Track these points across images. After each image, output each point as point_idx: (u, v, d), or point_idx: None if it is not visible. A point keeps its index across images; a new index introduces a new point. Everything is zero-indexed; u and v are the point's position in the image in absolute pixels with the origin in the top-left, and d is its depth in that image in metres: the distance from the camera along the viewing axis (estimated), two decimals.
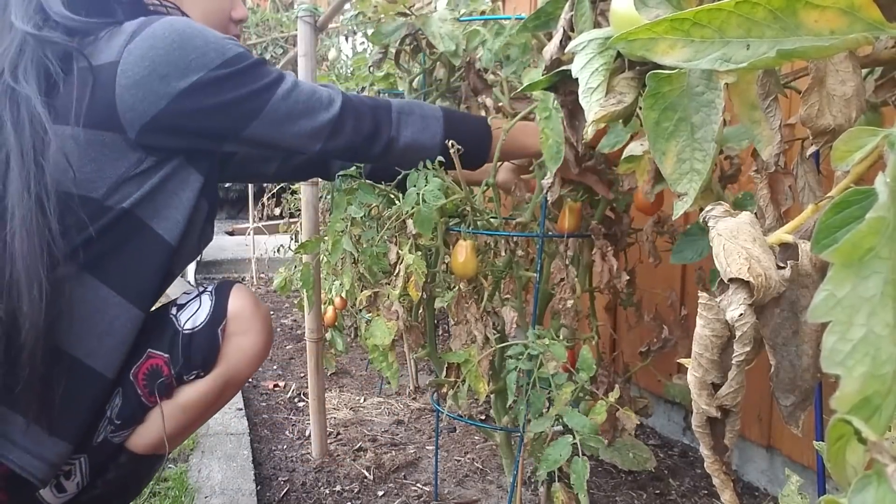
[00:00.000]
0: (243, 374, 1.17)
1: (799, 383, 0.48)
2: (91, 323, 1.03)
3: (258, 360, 1.18)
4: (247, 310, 1.15)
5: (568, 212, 1.30)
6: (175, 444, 1.22)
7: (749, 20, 0.39)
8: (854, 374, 0.31)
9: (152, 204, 1.07)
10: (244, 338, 1.15)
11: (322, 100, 1.12)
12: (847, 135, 0.39)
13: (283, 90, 1.08)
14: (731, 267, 0.45)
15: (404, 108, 1.20)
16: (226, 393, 1.18)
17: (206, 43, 1.04)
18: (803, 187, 0.78)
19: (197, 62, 1.02)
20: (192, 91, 1.02)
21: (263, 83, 1.07)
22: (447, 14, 1.28)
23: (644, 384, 2.01)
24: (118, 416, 1.10)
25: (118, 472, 1.14)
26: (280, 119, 1.09)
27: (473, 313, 1.32)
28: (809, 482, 1.47)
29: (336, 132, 1.13)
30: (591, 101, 0.58)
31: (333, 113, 1.12)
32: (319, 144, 1.13)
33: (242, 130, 1.08)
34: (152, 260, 1.08)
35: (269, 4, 4.07)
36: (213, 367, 1.13)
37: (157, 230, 1.08)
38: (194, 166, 1.10)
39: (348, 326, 2.65)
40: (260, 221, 4.12)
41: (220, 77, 1.04)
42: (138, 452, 1.13)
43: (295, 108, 1.09)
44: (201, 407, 1.15)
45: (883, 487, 0.29)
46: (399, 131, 1.18)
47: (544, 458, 1.14)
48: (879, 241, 0.31)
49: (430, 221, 1.21)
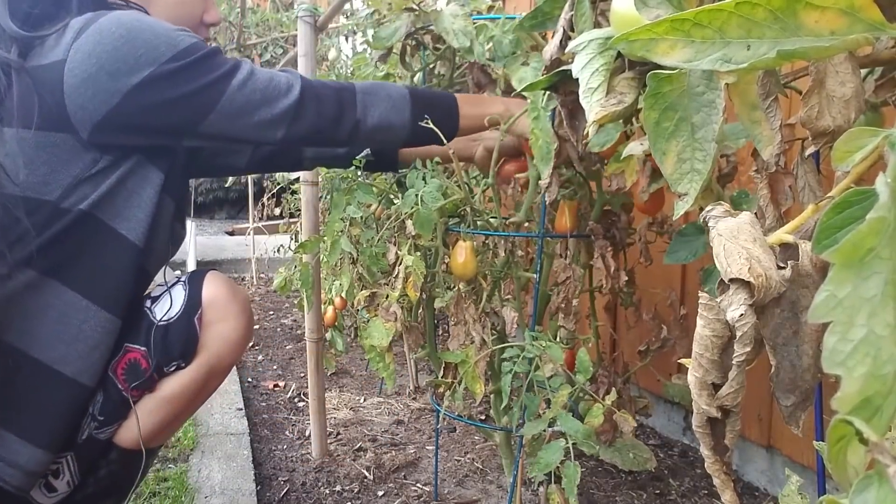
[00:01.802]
0: (226, 361, 1.16)
1: (799, 383, 0.48)
2: (58, 328, 1.02)
3: (240, 346, 1.16)
4: (222, 296, 1.14)
5: (566, 210, 1.30)
6: (166, 437, 1.21)
7: (749, 21, 0.39)
8: (855, 374, 0.31)
9: (112, 204, 1.05)
10: (223, 325, 1.13)
11: (280, 86, 1.09)
12: (847, 135, 0.39)
13: (238, 80, 1.06)
14: (731, 267, 0.45)
15: (369, 89, 1.17)
16: (211, 382, 1.16)
17: (156, 36, 1.01)
18: (803, 187, 0.78)
19: (147, 57, 0.99)
20: (143, 87, 1.00)
21: (217, 74, 1.04)
22: (458, 10, 1.27)
23: (644, 384, 2.01)
24: (101, 412, 1.09)
25: (110, 468, 1.13)
26: (237, 110, 1.06)
27: (472, 314, 1.32)
28: (809, 482, 1.47)
29: (298, 118, 1.10)
30: (592, 102, 0.58)
31: (293, 99, 1.09)
32: (281, 132, 1.09)
33: (199, 124, 1.05)
34: (118, 262, 1.06)
35: (269, 4, 4.07)
36: (193, 357, 1.12)
37: (119, 231, 1.06)
38: (153, 163, 1.08)
39: (348, 326, 2.65)
40: (260, 221, 4.12)
41: (171, 71, 1.01)
42: (128, 448, 1.12)
43: (252, 97, 1.07)
44: (186, 397, 1.14)
45: (884, 488, 0.29)
46: (366, 113, 1.15)
47: (536, 461, 1.14)
48: (880, 242, 0.31)
49: (430, 222, 1.20)
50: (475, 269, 1.29)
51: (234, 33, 3.83)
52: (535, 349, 1.19)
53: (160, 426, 1.13)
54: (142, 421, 1.11)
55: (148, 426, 1.12)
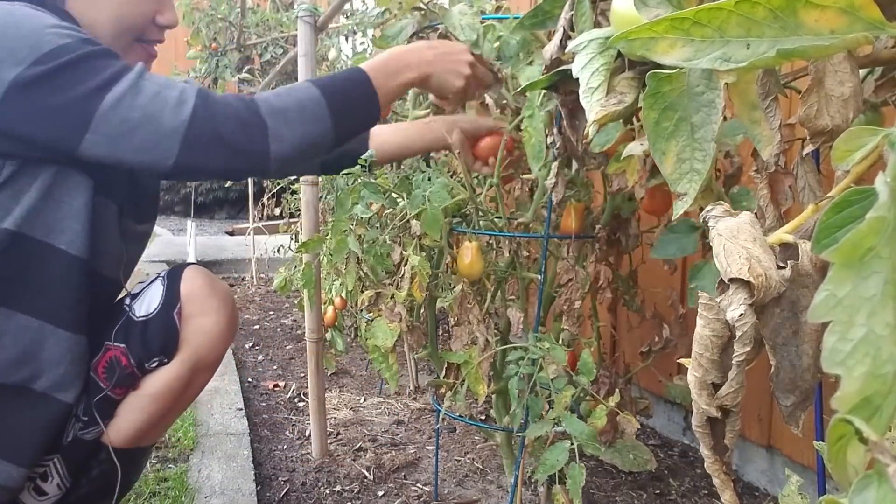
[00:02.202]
0: (210, 355, 1.12)
1: (799, 383, 0.48)
2: (16, 352, 0.99)
3: (223, 340, 1.13)
4: (201, 290, 1.10)
5: (572, 212, 1.30)
6: (157, 435, 1.20)
7: (749, 19, 0.39)
8: (854, 373, 0.31)
9: (42, 220, 0.97)
10: (204, 319, 1.10)
11: (168, 101, 0.92)
12: (847, 134, 0.39)
13: (116, 93, 0.90)
14: (731, 267, 0.45)
15: (275, 104, 0.99)
16: (197, 377, 1.14)
17: (19, 36, 0.89)
18: (803, 187, 0.78)
19: (7, 60, 0.88)
20: (6, 94, 0.89)
21: (90, 85, 0.90)
22: (467, 8, 1.28)
23: (645, 384, 2.01)
24: (84, 412, 1.08)
25: (101, 468, 1.12)
26: (116, 130, 0.91)
27: (476, 315, 1.32)
28: (809, 482, 1.47)
29: (190, 144, 0.92)
30: (592, 101, 0.58)
31: (183, 118, 0.92)
32: (171, 160, 0.92)
33: (76, 145, 0.91)
34: (64, 278, 1.00)
35: (269, 4, 4.07)
36: (175, 353, 1.10)
37: (57, 246, 0.99)
38: (76, 168, 0.99)
39: (348, 326, 2.65)
40: (260, 221, 4.12)
41: (35, 77, 0.88)
42: (118, 447, 1.12)
43: (131, 115, 0.91)
44: (172, 393, 1.11)
45: (884, 487, 0.29)
46: (280, 133, 0.98)
47: (542, 462, 1.14)
48: (880, 241, 0.31)
49: (437, 222, 1.20)
50: (482, 269, 1.29)
51: (234, 33, 3.83)
52: (538, 351, 1.19)
53: (148, 424, 1.12)
54: (129, 418, 1.10)
55: (136, 424, 1.11)
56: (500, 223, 1.33)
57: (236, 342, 2.88)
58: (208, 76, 3.84)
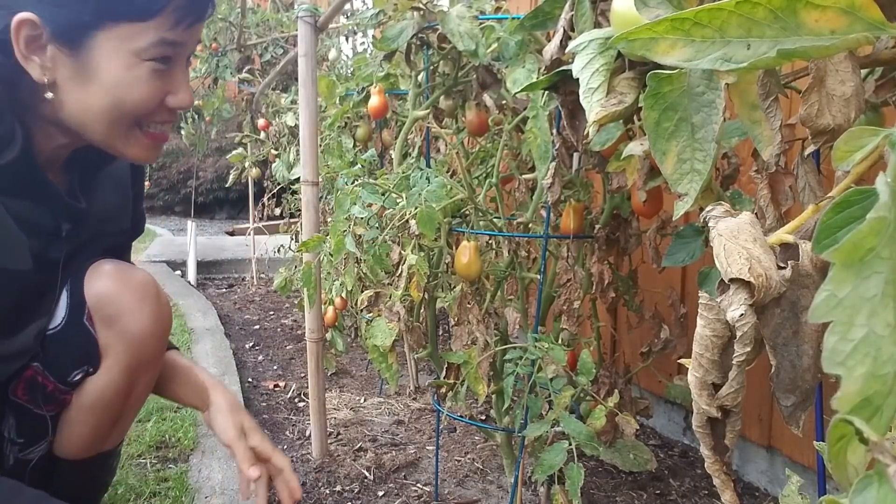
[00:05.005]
0: (142, 355, 1.04)
1: (799, 383, 0.48)
2: None
3: (152, 336, 1.03)
4: (109, 289, 1.02)
5: (571, 212, 1.30)
6: (116, 439, 1.13)
7: (750, 20, 0.39)
8: (855, 374, 0.31)
9: None
10: (120, 320, 1.01)
11: None
12: (848, 135, 0.39)
13: None
14: (731, 267, 0.45)
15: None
16: (138, 378, 1.06)
17: None
18: (804, 187, 0.78)
19: None
20: None
21: None
22: (465, 12, 1.26)
23: (645, 384, 2.01)
24: (18, 434, 1.03)
25: (64, 480, 1.08)
26: None
27: (476, 315, 1.32)
28: (810, 482, 1.47)
29: None
30: (592, 102, 0.58)
31: None
32: None
33: None
34: None
35: (270, 4, 4.07)
36: (99, 359, 1.03)
37: None
38: None
39: (348, 326, 2.65)
40: (260, 221, 4.12)
41: None
42: (75, 458, 1.07)
43: None
44: (111, 401, 1.04)
45: (884, 488, 0.29)
46: None
47: (540, 462, 1.14)
48: (880, 242, 0.31)
49: (433, 221, 1.20)
50: (479, 269, 1.29)
51: (235, 33, 3.83)
52: (537, 351, 1.19)
53: (97, 433, 1.07)
54: (75, 432, 1.05)
55: (83, 436, 1.06)
56: (499, 223, 1.33)
57: (236, 342, 2.88)
58: (208, 76, 3.84)
